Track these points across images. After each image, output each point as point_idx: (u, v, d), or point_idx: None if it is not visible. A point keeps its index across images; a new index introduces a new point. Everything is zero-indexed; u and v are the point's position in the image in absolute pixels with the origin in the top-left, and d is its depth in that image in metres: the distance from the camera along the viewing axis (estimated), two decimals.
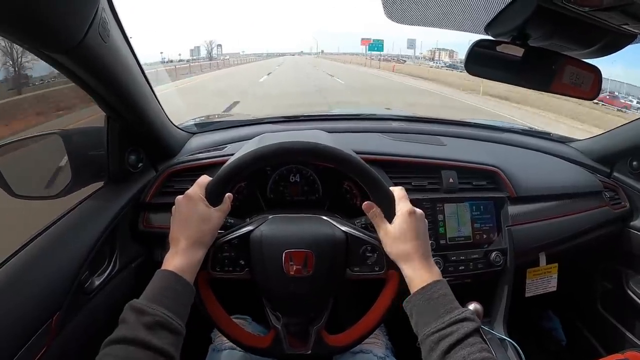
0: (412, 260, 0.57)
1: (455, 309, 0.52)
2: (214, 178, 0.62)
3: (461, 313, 0.51)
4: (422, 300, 0.54)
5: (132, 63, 0.70)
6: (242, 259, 0.64)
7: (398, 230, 0.59)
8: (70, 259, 0.66)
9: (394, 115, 1.38)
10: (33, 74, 5.14)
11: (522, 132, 1.33)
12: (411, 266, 0.57)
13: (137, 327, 0.46)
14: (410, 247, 0.58)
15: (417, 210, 0.60)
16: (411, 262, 0.57)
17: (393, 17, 0.61)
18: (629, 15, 0.47)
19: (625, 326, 1.14)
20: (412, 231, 0.58)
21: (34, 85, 5.30)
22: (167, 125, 0.94)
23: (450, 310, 0.52)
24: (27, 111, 4.54)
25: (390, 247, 0.60)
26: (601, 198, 1.09)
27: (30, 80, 5.25)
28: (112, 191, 0.81)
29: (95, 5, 0.52)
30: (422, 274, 0.56)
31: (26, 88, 5.15)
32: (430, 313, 0.52)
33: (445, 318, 0.50)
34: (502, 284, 0.92)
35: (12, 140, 0.75)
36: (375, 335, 0.79)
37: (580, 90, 0.65)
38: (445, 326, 0.50)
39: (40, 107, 4.74)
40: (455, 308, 0.52)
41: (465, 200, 0.92)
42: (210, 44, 63.23)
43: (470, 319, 0.50)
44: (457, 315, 0.51)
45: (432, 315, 0.52)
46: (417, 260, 0.57)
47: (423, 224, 0.61)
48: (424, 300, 0.53)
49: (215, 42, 66.81)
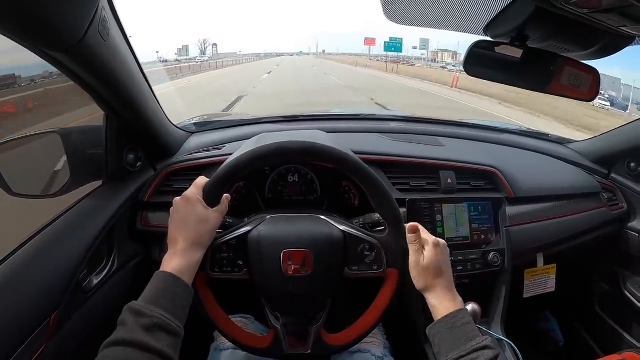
0: (437, 291, 0.60)
1: (476, 337, 0.54)
2: (211, 179, 0.62)
3: (482, 341, 0.53)
4: (445, 328, 0.56)
5: (131, 62, 0.70)
6: (241, 260, 0.64)
7: (427, 263, 0.61)
8: (68, 258, 0.66)
9: (393, 116, 1.39)
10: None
11: (520, 133, 1.33)
12: (436, 296, 0.60)
13: (136, 329, 0.47)
14: (436, 279, 0.61)
15: (441, 241, 0.64)
16: (436, 292, 0.60)
17: (392, 17, 0.61)
18: (627, 17, 0.47)
19: (622, 327, 1.14)
20: (439, 264, 0.61)
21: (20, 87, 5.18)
22: (166, 125, 0.94)
23: (471, 338, 0.54)
24: None
25: (417, 278, 0.62)
26: (599, 199, 1.09)
27: (18, 82, 5.15)
28: (111, 190, 0.81)
29: (96, 4, 0.52)
30: (447, 303, 0.59)
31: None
32: (452, 340, 0.55)
33: (467, 346, 0.53)
34: (500, 284, 0.92)
35: (10, 138, 0.75)
36: (374, 334, 0.79)
37: (579, 92, 0.65)
38: (466, 354, 0.52)
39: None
40: (476, 336, 0.54)
41: (464, 200, 0.92)
42: (203, 42, 61.06)
43: (490, 347, 0.53)
44: (478, 344, 0.53)
45: (454, 342, 0.54)
46: (442, 292, 0.60)
47: (447, 255, 0.64)
48: (447, 328, 0.56)
49: (209, 40, 65.37)
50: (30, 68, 4.85)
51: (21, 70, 4.92)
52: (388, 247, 0.65)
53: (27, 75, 5.12)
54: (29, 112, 4.68)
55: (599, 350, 1.20)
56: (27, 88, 5.18)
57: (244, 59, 45.85)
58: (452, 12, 0.61)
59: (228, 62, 36.34)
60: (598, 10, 0.47)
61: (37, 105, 4.82)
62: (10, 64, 4.64)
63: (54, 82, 4.93)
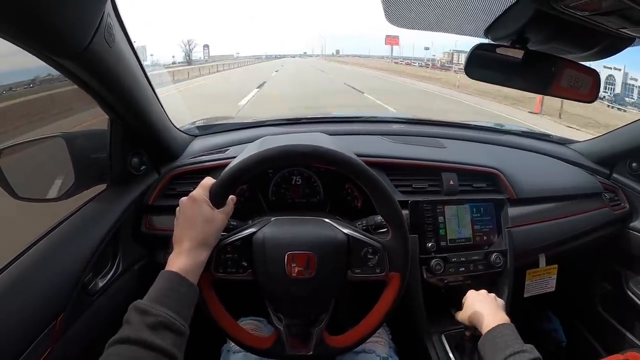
0: (482, 322, 0.65)
1: (515, 344, 0.58)
2: (217, 180, 0.63)
3: (521, 347, 0.57)
4: (488, 340, 0.62)
5: (136, 66, 0.71)
6: (245, 261, 0.65)
7: (464, 308, 0.72)
8: (73, 261, 0.67)
9: (395, 118, 1.39)
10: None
11: (521, 134, 1.33)
12: (486, 326, 0.64)
13: (141, 327, 0.47)
14: (482, 316, 0.67)
15: (481, 292, 0.72)
16: (482, 323, 0.65)
17: (393, 20, 0.62)
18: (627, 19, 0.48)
19: (625, 327, 1.14)
20: (472, 303, 0.70)
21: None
22: (170, 128, 0.94)
23: (510, 345, 0.58)
24: None
25: (465, 320, 0.71)
26: (601, 199, 1.09)
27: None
28: (115, 194, 0.82)
29: (101, 11, 0.52)
30: (490, 322, 0.64)
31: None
32: (493, 348, 0.59)
33: (507, 351, 0.57)
34: (502, 285, 0.92)
35: (15, 142, 0.76)
36: (378, 334, 0.80)
37: (579, 93, 0.65)
38: (505, 357, 0.56)
39: None
40: (515, 343, 0.58)
41: (466, 202, 0.92)
42: (188, 44, 52.76)
43: (527, 351, 0.56)
44: (516, 350, 0.56)
45: (494, 349, 0.59)
46: (485, 319, 0.65)
47: (482, 295, 0.71)
48: (490, 340, 0.61)
49: (193, 41, 54.35)
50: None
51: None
52: (391, 250, 0.66)
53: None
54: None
55: (602, 350, 1.20)
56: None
57: (235, 63, 37.42)
58: (452, 15, 0.62)
59: (207, 69, 23.13)
60: (598, 12, 0.47)
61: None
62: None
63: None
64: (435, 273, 0.86)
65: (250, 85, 12.79)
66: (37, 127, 3.57)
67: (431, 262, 0.86)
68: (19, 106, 4.02)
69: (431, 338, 0.86)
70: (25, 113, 3.81)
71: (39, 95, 4.18)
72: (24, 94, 4.26)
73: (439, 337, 0.87)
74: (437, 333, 0.87)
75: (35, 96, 4.14)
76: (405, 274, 0.67)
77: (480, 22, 0.61)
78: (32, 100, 4.04)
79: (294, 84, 15.28)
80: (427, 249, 0.87)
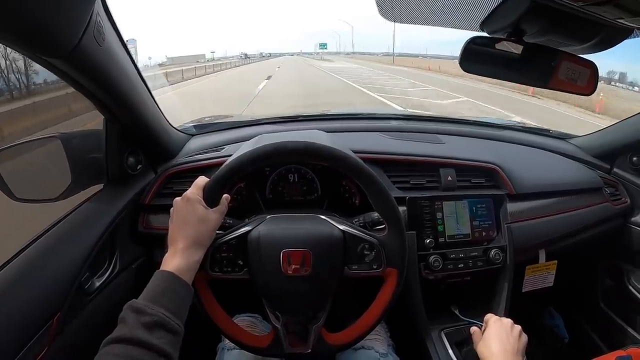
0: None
1: None
2: (211, 179, 0.62)
3: None
4: None
5: (129, 66, 0.71)
6: (241, 260, 0.64)
7: (484, 338, 0.68)
8: (70, 261, 0.67)
9: (393, 114, 1.39)
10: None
11: (521, 129, 1.33)
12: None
13: (136, 326, 0.47)
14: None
15: (504, 324, 0.68)
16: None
17: (387, 15, 0.61)
18: (623, 9, 0.47)
19: (627, 322, 1.13)
20: (489, 337, 0.66)
21: None
22: (166, 127, 0.94)
23: None
24: None
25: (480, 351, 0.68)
26: (601, 194, 1.08)
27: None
28: (112, 193, 0.82)
29: (90, 10, 0.52)
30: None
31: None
32: None
33: None
34: (502, 281, 0.91)
35: (12, 144, 0.76)
36: (377, 331, 0.79)
37: (577, 86, 0.64)
38: None
39: None
40: None
41: (464, 198, 0.91)
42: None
43: None
44: None
45: None
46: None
47: (505, 329, 0.67)
48: None
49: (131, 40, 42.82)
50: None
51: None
52: (388, 246, 0.65)
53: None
54: None
55: (604, 346, 1.19)
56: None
57: (220, 66, 27.80)
58: (446, 9, 0.61)
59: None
60: (593, 2, 0.46)
61: None
62: None
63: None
64: (434, 270, 0.86)
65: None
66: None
67: (430, 258, 0.85)
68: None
69: (430, 335, 0.86)
70: None
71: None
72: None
73: (438, 333, 0.86)
74: (436, 330, 0.87)
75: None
76: (403, 269, 0.66)
77: (475, 16, 0.60)
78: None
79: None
80: (426, 246, 0.86)
